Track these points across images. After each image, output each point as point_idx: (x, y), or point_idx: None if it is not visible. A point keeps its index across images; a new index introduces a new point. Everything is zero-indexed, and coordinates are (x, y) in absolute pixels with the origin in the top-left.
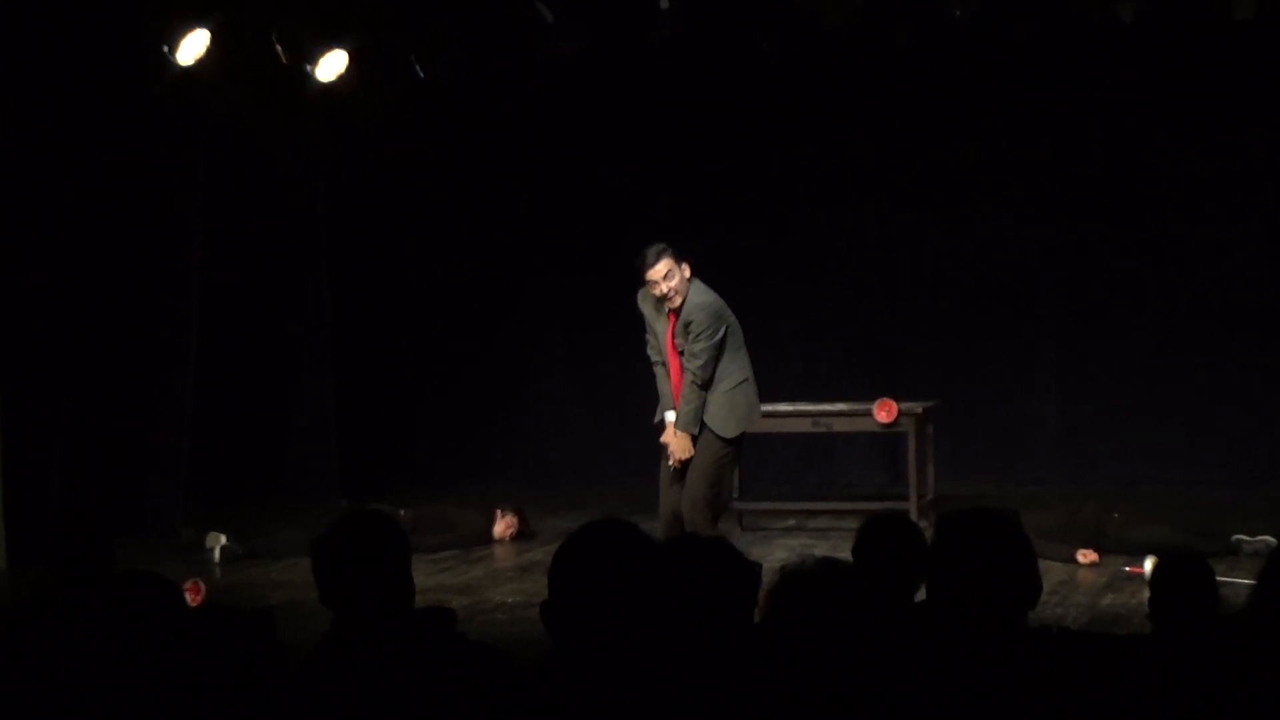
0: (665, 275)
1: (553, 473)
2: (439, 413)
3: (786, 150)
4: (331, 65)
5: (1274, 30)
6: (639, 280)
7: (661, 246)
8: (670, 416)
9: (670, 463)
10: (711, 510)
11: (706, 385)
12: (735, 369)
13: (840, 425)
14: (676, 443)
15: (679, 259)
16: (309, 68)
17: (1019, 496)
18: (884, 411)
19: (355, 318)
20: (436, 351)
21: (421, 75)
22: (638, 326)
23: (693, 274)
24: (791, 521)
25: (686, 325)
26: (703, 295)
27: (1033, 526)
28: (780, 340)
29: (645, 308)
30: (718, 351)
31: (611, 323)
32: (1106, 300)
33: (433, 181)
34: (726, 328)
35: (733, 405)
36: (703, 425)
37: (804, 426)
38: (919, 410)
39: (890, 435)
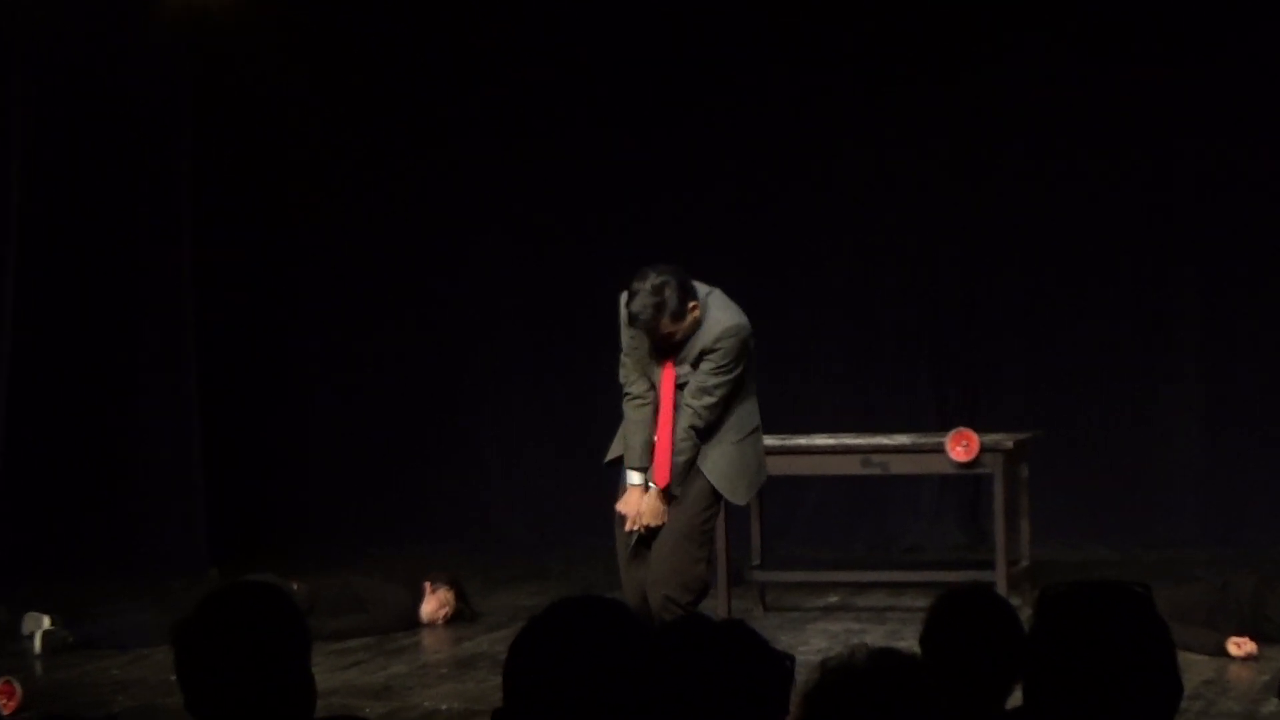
0: (670, 333)
1: (502, 530)
2: (344, 448)
3: (819, 91)
4: None
5: None
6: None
7: (656, 300)
8: (635, 478)
9: (634, 528)
10: (696, 592)
11: (708, 433)
12: (748, 412)
13: (900, 465)
14: (649, 503)
15: (685, 299)
16: None
17: (1149, 563)
18: (960, 446)
19: (228, 317)
20: (340, 363)
21: None
22: (614, 329)
23: (702, 302)
24: (833, 598)
25: (706, 352)
26: (732, 314)
27: (1168, 605)
28: (817, 352)
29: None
30: (734, 390)
31: (582, 326)
32: (1274, 293)
33: (333, 131)
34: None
35: (744, 461)
36: (688, 487)
37: (851, 467)
38: (1009, 445)
39: (969, 479)
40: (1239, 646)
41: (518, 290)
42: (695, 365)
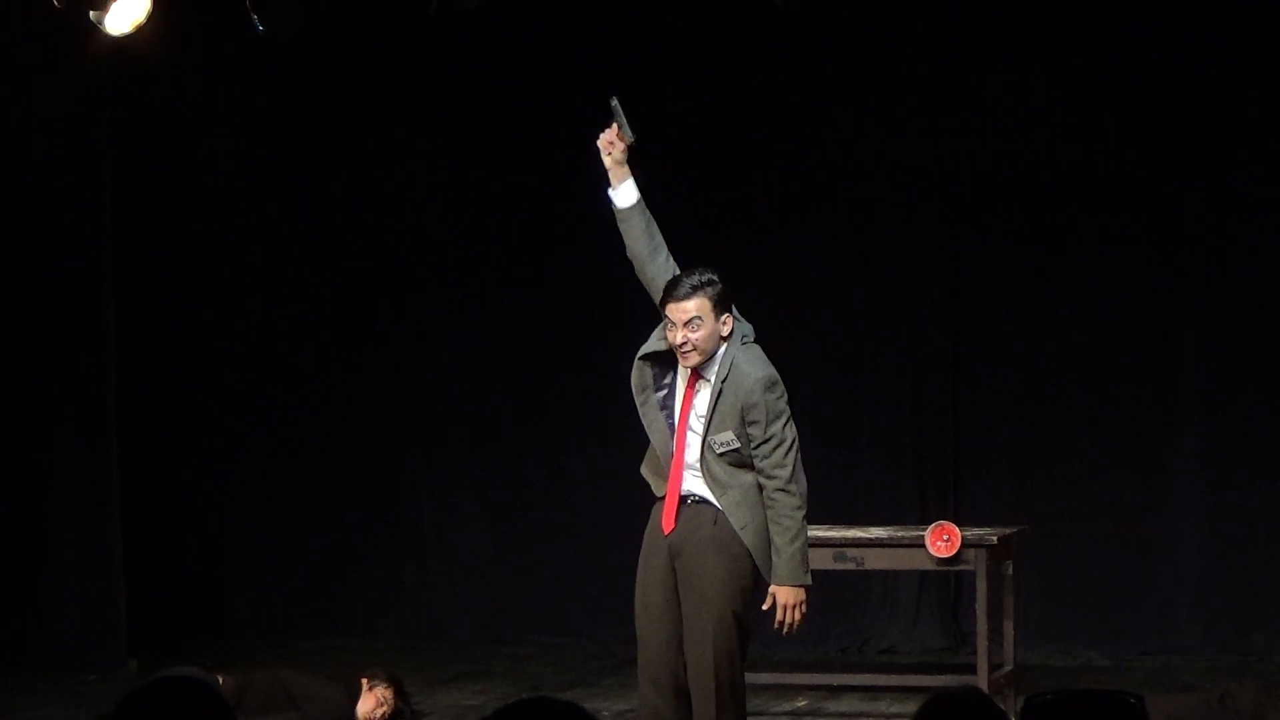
0: (691, 320)
1: (447, 622)
2: (274, 534)
3: (783, 129)
4: (126, 12)
5: None
6: (659, 309)
7: (705, 278)
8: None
9: (783, 630)
10: (743, 698)
11: (804, 505)
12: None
13: (876, 560)
14: (787, 595)
15: (722, 304)
16: (93, 15)
17: (1143, 670)
18: (941, 540)
19: (150, 378)
20: (270, 447)
21: (260, 29)
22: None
23: (736, 333)
24: (802, 703)
25: (744, 412)
26: (763, 365)
27: (1164, 715)
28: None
29: (656, 347)
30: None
31: (533, 409)
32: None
33: (272, 182)
34: None
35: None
36: (721, 546)
37: (823, 561)
38: (993, 540)
39: (950, 576)
40: None
41: (464, 368)
42: (734, 429)
